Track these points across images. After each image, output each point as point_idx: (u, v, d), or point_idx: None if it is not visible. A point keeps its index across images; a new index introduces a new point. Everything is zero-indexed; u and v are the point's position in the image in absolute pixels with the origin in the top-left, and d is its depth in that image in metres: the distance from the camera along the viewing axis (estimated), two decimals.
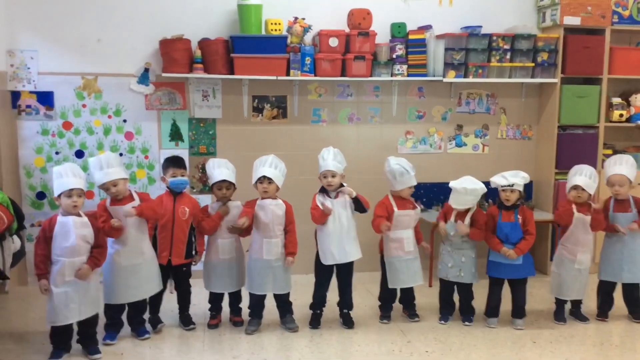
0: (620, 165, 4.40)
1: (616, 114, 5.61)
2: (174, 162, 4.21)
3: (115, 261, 3.92)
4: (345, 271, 4.32)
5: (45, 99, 5.05)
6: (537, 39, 5.42)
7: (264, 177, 4.10)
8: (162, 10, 5.12)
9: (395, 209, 4.29)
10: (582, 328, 4.40)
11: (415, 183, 4.31)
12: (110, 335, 4.02)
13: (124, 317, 4.11)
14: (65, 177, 3.64)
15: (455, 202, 4.26)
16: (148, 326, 4.19)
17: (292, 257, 4.18)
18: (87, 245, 3.69)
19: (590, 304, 4.62)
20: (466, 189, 4.20)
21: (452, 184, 4.26)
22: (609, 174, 4.44)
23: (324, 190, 4.24)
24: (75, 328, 3.81)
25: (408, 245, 4.32)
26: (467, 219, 4.26)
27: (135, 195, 4.00)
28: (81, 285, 3.66)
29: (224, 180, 4.20)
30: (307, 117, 5.48)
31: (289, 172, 4.29)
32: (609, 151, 5.66)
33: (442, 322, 4.41)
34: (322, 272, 4.30)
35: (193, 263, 4.29)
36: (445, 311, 4.47)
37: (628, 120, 5.68)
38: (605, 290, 4.55)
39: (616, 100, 5.66)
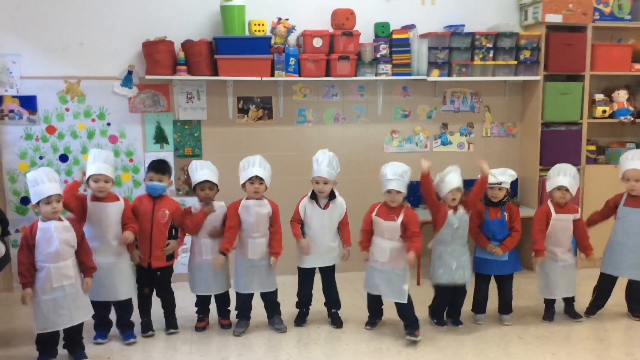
0: (639, 160, 4.35)
1: (599, 110, 5.66)
2: (152, 167, 4.18)
3: None
4: (327, 271, 4.33)
5: (28, 103, 5.01)
6: (519, 37, 5.45)
7: (256, 177, 4.10)
8: (144, 12, 5.10)
9: (374, 213, 4.15)
10: (568, 324, 4.42)
11: (388, 188, 4.03)
12: (100, 334, 4.02)
13: (111, 316, 4.11)
14: (41, 184, 3.59)
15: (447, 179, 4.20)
16: (136, 330, 4.16)
17: (276, 257, 4.17)
18: (71, 249, 3.67)
19: (580, 301, 4.60)
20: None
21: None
22: (625, 168, 4.39)
23: (314, 197, 4.22)
24: (61, 333, 3.78)
25: (380, 255, 4.07)
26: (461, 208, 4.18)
27: (120, 197, 4.05)
28: (70, 291, 3.65)
29: (206, 181, 4.19)
30: (293, 117, 5.48)
31: (275, 173, 4.28)
32: (593, 147, 5.72)
33: (445, 327, 4.33)
34: (304, 272, 4.32)
35: (166, 246, 4.15)
36: (441, 316, 4.38)
37: (611, 116, 5.72)
38: (603, 286, 4.51)
39: (599, 96, 5.71)
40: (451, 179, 4.16)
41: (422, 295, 4.48)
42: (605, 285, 4.52)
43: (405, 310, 4.12)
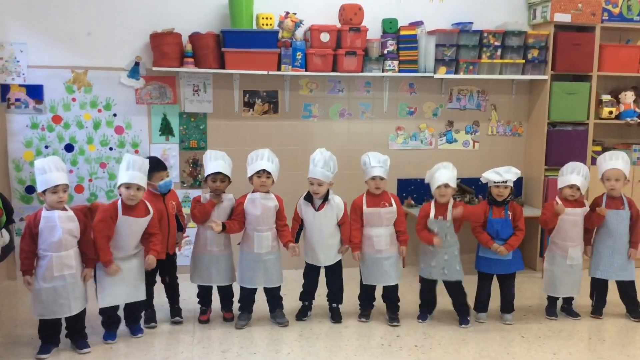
0: (617, 160, 4.40)
1: (605, 111, 5.65)
2: (158, 167, 4.16)
3: None
4: (333, 266, 4.32)
5: (35, 92, 5.02)
6: (527, 36, 5.44)
7: (264, 170, 4.09)
8: (152, 3, 5.10)
9: (364, 206, 4.24)
10: (570, 323, 4.42)
11: (373, 174, 4.17)
12: (109, 334, 3.96)
13: (119, 312, 4.09)
14: (49, 172, 3.59)
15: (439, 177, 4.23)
16: (142, 324, 4.16)
17: (292, 243, 4.18)
18: (74, 239, 3.68)
19: (579, 300, 4.63)
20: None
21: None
22: (604, 169, 4.43)
23: (308, 198, 4.21)
24: (64, 322, 3.80)
25: (378, 243, 4.22)
26: (449, 213, 4.22)
27: (150, 208, 3.95)
28: (70, 280, 3.65)
29: (219, 173, 4.15)
30: (298, 112, 5.48)
31: (280, 168, 4.28)
32: (598, 148, 5.71)
33: (420, 320, 4.37)
34: (309, 266, 4.34)
35: (178, 239, 4.29)
36: (425, 310, 4.43)
37: (617, 117, 5.71)
38: (598, 288, 4.54)
39: (606, 97, 5.69)
40: (440, 175, 4.21)
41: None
42: (599, 288, 4.54)
43: (391, 293, 4.35)
